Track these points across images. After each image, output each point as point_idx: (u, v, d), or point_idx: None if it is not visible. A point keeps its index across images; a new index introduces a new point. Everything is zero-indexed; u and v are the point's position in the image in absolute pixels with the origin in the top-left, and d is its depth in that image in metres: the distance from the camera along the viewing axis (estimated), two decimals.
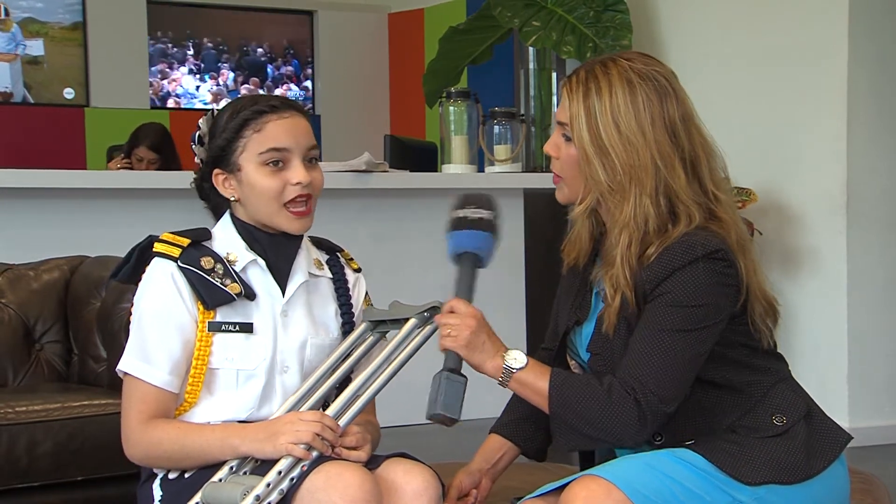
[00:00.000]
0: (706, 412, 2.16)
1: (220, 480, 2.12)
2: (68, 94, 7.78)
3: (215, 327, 2.22)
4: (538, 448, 2.37)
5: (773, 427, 2.15)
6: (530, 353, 2.22)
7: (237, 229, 2.30)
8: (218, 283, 2.22)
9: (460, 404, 2.08)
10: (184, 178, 4.83)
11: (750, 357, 2.20)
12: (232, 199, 2.30)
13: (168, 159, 5.94)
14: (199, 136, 2.31)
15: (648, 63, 2.20)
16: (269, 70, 8.44)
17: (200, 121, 2.33)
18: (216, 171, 2.30)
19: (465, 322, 2.14)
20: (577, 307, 2.28)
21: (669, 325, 2.11)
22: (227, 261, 2.25)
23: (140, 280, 2.27)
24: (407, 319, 2.26)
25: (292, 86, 8.45)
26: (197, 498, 2.11)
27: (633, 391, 2.09)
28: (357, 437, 2.16)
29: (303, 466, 2.08)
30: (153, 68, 8.06)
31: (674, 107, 2.17)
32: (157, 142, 5.93)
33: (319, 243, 2.41)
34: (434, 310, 2.26)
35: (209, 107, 8.03)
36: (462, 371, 2.12)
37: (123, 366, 2.23)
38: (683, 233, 2.13)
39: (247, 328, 2.24)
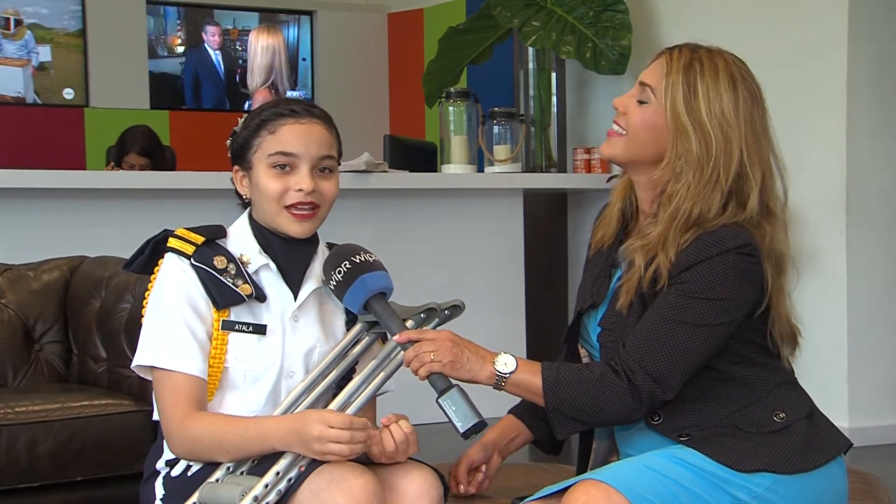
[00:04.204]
0: (708, 399, 2.18)
1: (218, 481, 2.12)
2: (67, 94, 7.78)
3: (228, 326, 2.22)
4: (550, 440, 2.39)
5: (774, 423, 2.16)
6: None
7: (253, 231, 2.30)
8: (229, 284, 2.22)
9: (472, 408, 2.11)
10: (182, 179, 4.89)
11: (759, 356, 2.22)
12: (244, 197, 2.31)
13: (159, 160, 5.92)
14: (234, 130, 2.32)
15: (746, 69, 2.25)
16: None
17: (240, 117, 2.35)
18: (235, 167, 2.31)
19: (443, 344, 2.15)
20: (595, 291, 2.29)
21: (682, 317, 2.12)
22: (241, 262, 2.26)
23: (152, 272, 2.27)
24: (404, 321, 2.26)
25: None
26: (194, 498, 2.11)
27: (630, 373, 2.12)
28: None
29: (300, 467, 2.08)
30: None
31: (762, 115, 2.22)
32: (147, 146, 5.89)
33: None
34: (432, 311, 2.27)
35: None
36: (450, 381, 2.14)
37: (154, 360, 2.20)
38: (721, 224, 2.15)
39: (260, 329, 2.24)
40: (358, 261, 2.22)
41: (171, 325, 2.21)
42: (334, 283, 2.22)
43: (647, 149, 2.22)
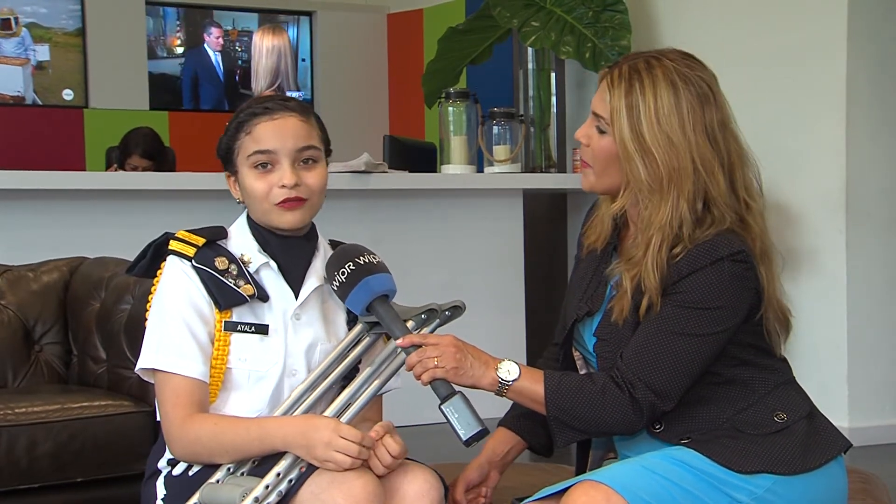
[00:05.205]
0: (709, 403, 2.18)
1: (218, 482, 2.12)
2: (67, 95, 7.78)
3: (231, 327, 2.22)
4: (544, 443, 2.38)
5: (774, 424, 2.16)
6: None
7: (251, 230, 2.29)
8: (231, 284, 2.22)
9: (475, 415, 2.10)
10: (182, 180, 4.89)
11: (757, 357, 2.21)
12: (237, 200, 2.31)
13: (162, 163, 5.92)
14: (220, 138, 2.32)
15: (692, 66, 2.19)
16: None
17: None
18: (226, 173, 2.32)
19: (446, 350, 2.14)
20: (589, 298, 2.28)
21: (679, 328, 2.12)
22: (242, 261, 2.25)
23: (154, 275, 2.27)
24: (405, 322, 2.25)
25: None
26: (195, 498, 2.11)
27: (631, 386, 2.11)
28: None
29: (301, 468, 2.08)
30: None
31: (713, 113, 2.17)
32: (150, 148, 5.88)
33: (338, 247, 2.37)
34: (432, 312, 2.27)
35: None
36: (452, 387, 2.14)
37: (155, 363, 2.20)
38: (713, 233, 2.14)
39: (262, 329, 2.24)
40: (362, 262, 2.21)
41: (173, 328, 2.20)
42: (337, 284, 2.22)
43: (618, 177, 2.20)
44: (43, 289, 3.55)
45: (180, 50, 8.32)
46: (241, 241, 2.29)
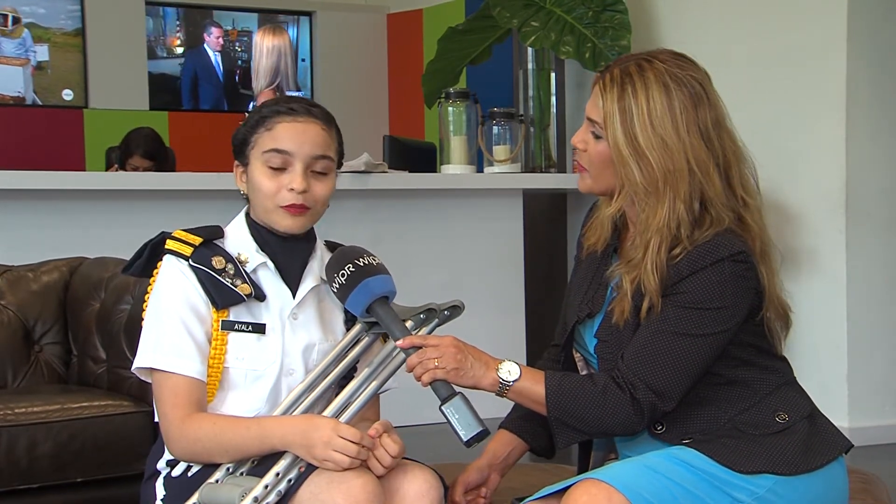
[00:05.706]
0: (710, 404, 2.18)
1: (218, 481, 2.12)
2: (67, 95, 7.78)
3: (228, 326, 2.22)
4: (545, 445, 2.38)
5: (776, 424, 2.16)
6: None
7: (250, 229, 2.30)
8: (228, 284, 2.22)
9: (475, 416, 2.10)
10: (181, 180, 4.89)
11: (758, 357, 2.21)
12: (241, 192, 2.31)
13: (162, 163, 5.93)
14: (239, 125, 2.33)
15: (684, 67, 2.19)
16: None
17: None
18: (236, 162, 2.32)
19: (447, 350, 2.14)
20: (590, 300, 2.28)
21: (680, 328, 2.12)
22: (239, 261, 2.25)
23: (151, 275, 2.27)
24: (403, 321, 2.25)
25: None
26: (194, 499, 2.11)
27: (632, 387, 2.11)
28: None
29: (300, 468, 2.08)
30: None
31: (706, 112, 2.17)
32: (151, 149, 5.87)
33: (335, 249, 2.38)
34: (431, 312, 2.27)
35: None
36: (453, 388, 2.14)
37: (153, 362, 2.21)
38: (713, 234, 2.14)
39: (259, 329, 2.24)
40: (362, 264, 2.22)
41: (170, 328, 2.21)
42: (337, 286, 2.22)
43: (615, 180, 2.21)
44: (43, 289, 3.55)
45: (180, 50, 8.32)
46: (238, 240, 2.29)
